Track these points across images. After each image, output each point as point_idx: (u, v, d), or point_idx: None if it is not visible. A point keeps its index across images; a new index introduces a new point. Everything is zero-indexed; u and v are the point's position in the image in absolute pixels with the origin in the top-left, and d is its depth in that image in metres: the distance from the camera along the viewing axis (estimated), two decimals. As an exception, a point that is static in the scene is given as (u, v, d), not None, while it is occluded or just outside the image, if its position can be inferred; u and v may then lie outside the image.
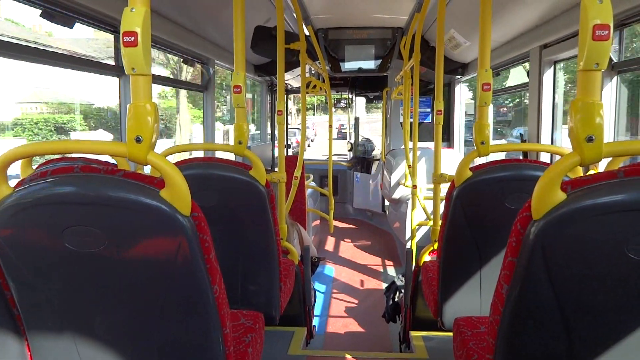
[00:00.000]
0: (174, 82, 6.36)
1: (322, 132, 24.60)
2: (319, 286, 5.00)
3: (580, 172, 1.75)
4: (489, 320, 1.28)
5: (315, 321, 4.06)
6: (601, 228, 1.05)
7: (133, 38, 1.10)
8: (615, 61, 2.66)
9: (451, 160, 5.12)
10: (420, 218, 4.23)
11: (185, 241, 1.14)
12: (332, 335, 4.01)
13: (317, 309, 4.41)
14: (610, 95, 2.73)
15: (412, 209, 4.03)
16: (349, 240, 6.75)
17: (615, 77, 2.73)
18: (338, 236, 6.88)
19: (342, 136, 16.71)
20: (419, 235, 4.46)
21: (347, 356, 2.62)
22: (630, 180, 1.05)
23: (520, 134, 3.86)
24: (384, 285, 4.19)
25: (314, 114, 33.05)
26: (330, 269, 5.61)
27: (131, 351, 1.28)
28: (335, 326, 4.17)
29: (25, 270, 1.20)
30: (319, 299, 4.66)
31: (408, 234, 4.75)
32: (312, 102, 29.48)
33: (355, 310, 4.52)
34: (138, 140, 1.14)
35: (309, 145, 21.07)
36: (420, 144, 4.57)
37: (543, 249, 1.08)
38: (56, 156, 2.12)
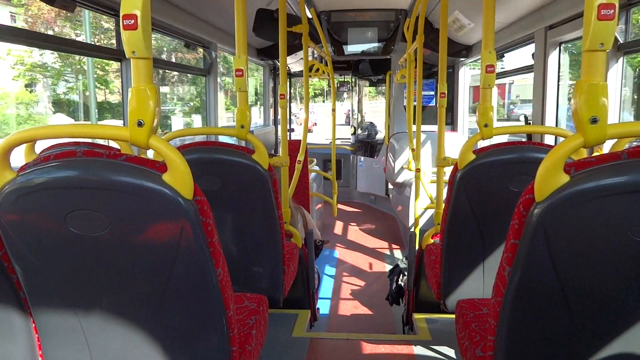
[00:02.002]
0: (175, 66, 6.32)
1: (323, 119, 24.03)
2: (325, 269, 5.03)
3: (584, 153, 1.74)
4: (491, 302, 1.28)
5: (320, 304, 4.10)
6: (604, 210, 1.04)
7: (133, 21, 1.09)
8: (621, 42, 2.63)
9: (455, 144, 5.10)
10: (424, 201, 4.23)
11: (188, 225, 1.15)
12: (335, 317, 4.05)
13: (322, 292, 4.45)
14: (616, 77, 2.70)
15: (417, 194, 4.02)
16: (353, 224, 6.76)
17: (621, 58, 2.69)
18: (342, 220, 6.89)
19: (350, 122, 16.43)
20: (422, 219, 4.46)
21: (350, 338, 2.64)
22: (635, 162, 1.04)
23: (525, 116, 3.83)
24: (388, 268, 4.21)
25: (324, 101, 31.89)
26: (335, 252, 5.63)
27: (136, 333, 1.29)
28: (339, 309, 4.20)
29: (30, 254, 1.21)
30: (323, 282, 4.69)
31: (411, 218, 4.76)
32: (322, 86, 28.63)
33: (359, 292, 4.55)
34: (140, 124, 1.14)
35: (314, 123, 20.75)
36: (424, 128, 4.55)
37: (545, 231, 1.08)
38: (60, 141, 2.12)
